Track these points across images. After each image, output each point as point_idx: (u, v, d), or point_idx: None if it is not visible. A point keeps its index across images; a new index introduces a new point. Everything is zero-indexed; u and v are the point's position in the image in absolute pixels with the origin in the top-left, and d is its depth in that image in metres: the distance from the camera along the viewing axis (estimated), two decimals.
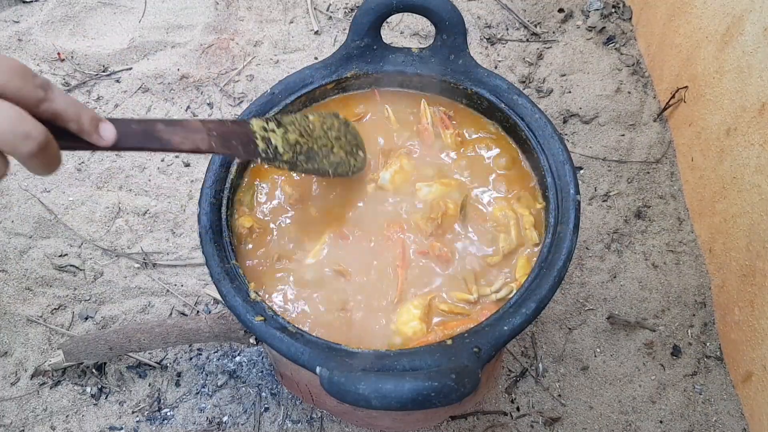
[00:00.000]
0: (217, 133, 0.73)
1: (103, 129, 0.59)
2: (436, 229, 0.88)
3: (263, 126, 0.80)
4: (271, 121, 0.81)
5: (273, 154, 0.80)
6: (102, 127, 0.59)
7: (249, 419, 1.18)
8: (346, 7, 1.76)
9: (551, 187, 0.87)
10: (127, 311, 1.30)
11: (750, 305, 1.14)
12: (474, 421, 1.17)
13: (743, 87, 1.19)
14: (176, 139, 0.68)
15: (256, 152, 0.78)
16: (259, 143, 0.78)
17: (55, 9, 1.72)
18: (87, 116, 0.57)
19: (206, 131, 0.71)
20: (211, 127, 0.73)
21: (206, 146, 0.71)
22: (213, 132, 0.72)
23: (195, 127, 0.70)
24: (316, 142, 0.86)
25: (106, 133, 0.59)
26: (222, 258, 0.82)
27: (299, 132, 0.84)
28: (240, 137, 0.76)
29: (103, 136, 0.59)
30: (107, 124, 0.60)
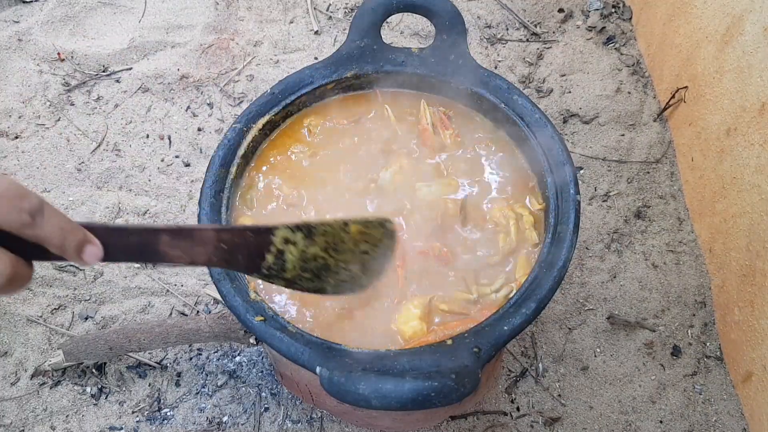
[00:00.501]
0: (227, 246, 0.65)
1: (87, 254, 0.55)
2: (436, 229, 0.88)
3: (286, 237, 0.69)
4: (299, 231, 0.70)
5: (276, 272, 0.70)
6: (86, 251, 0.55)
7: (249, 419, 1.18)
8: (346, 7, 1.76)
9: (551, 187, 0.87)
10: (127, 311, 1.30)
11: (750, 305, 1.14)
12: (474, 421, 1.17)
13: (743, 87, 1.19)
14: (175, 253, 0.61)
15: (259, 267, 0.69)
16: (268, 258, 0.69)
17: (55, 9, 1.72)
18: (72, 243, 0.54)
19: (214, 244, 0.63)
20: (225, 238, 0.64)
21: (203, 261, 0.64)
22: (222, 244, 0.64)
23: (203, 240, 0.63)
24: (337, 257, 0.74)
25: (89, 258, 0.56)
26: None
27: (325, 245, 0.73)
28: (251, 249, 0.67)
29: (86, 260, 0.56)
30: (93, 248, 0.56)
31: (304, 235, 0.70)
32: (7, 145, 1.51)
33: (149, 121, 1.56)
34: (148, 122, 1.56)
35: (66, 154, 1.51)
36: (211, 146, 1.51)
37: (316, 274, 0.73)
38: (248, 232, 0.67)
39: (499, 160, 0.96)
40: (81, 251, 0.55)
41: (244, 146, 0.92)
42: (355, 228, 0.75)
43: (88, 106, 1.59)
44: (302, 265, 0.71)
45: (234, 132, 0.92)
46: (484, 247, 0.88)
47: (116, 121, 1.56)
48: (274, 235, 0.68)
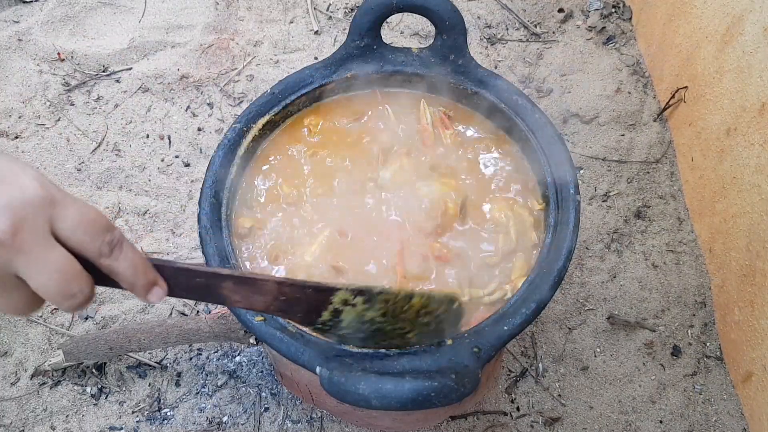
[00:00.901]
0: (286, 298, 0.64)
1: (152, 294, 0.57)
2: (436, 228, 0.88)
3: (346, 299, 0.68)
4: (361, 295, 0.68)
5: (329, 328, 0.70)
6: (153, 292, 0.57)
7: (249, 419, 1.18)
8: (346, 7, 1.76)
9: (551, 187, 0.87)
10: (127, 311, 1.30)
11: (750, 305, 1.14)
12: (474, 421, 1.17)
13: (743, 87, 1.19)
14: (235, 297, 0.61)
15: (313, 321, 0.69)
16: (325, 315, 0.68)
17: (55, 9, 1.72)
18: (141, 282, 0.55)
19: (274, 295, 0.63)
20: (285, 291, 0.64)
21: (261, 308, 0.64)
22: (282, 296, 0.64)
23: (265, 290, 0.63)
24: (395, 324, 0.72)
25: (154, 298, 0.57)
26: (222, 258, 0.82)
27: (384, 311, 0.71)
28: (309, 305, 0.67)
29: (150, 300, 0.57)
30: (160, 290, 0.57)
31: (364, 300, 0.69)
32: (7, 145, 1.51)
33: (149, 121, 1.56)
34: (148, 122, 1.56)
35: (66, 154, 1.51)
36: (211, 146, 1.51)
37: (370, 336, 0.72)
38: (309, 288, 0.66)
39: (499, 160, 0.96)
40: (148, 292, 0.56)
41: (244, 146, 0.92)
42: (418, 301, 0.72)
43: (88, 106, 1.59)
44: (358, 326, 0.71)
45: (234, 132, 0.92)
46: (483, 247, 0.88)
47: (116, 121, 1.56)
48: (334, 295, 0.67)
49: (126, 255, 0.53)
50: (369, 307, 0.69)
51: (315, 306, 0.67)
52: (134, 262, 0.54)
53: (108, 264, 0.53)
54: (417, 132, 0.98)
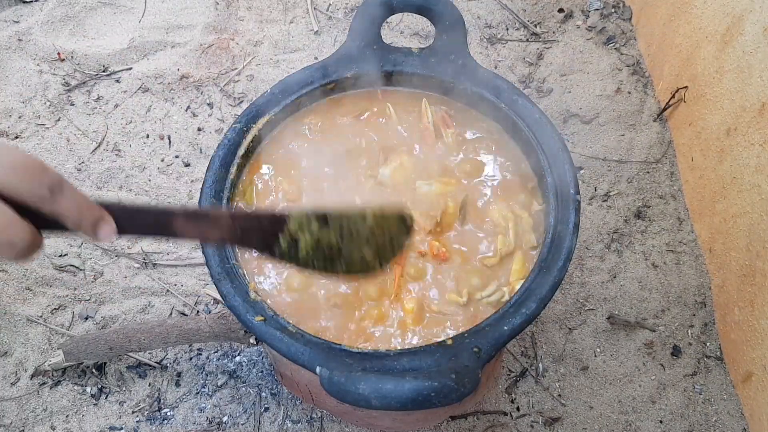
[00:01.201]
0: (241, 230, 0.66)
1: (101, 232, 0.57)
2: (435, 227, 0.88)
3: (301, 223, 0.69)
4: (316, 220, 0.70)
5: (287, 255, 0.71)
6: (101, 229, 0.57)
7: (249, 419, 1.18)
8: (346, 7, 1.76)
9: (551, 187, 0.87)
10: (127, 311, 1.30)
11: (750, 305, 1.14)
12: (474, 421, 1.17)
13: (743, 87, 1.19)
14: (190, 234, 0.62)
15: (272, 250, 0.70)
16: (282, 242, 0.69)
17: (55, 9, 1.72)
18: (88, 219, 0.56)
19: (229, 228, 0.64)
20: (240, 223, 0.66)
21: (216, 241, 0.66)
22: (238, 228, 0.65)
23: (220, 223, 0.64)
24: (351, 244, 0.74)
25: (103, 236, 0.57)
26: (222, 258, 0.82)
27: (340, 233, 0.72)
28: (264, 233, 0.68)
29: (100, 237, 0.57)
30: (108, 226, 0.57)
31: (319, 223, 0.70)
32: None
33: (149, 121, 1.56)
34: (148, 122, 1.56)
35: (66, 154, 1.51)
36: (211, 146, 1.51)
37: (328, 258, 0.73)
38: (264, 218, 0.68)
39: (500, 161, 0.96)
40: (96, 229, 0.57)
41: (244, 146, 0.92)
42: (372, 219, 0.74)
43: (88, 106, 1.59)
44: (315, 251, 0.71)
45: (234, 132, 0.92)
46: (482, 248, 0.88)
47: (116, 121, 1.56)
48: (288, 222, 0.69)
49: (68, 195, 0.53)
50: (324, 231, 0.70)
51: (271, 234, 0.68)
52: (78, 202, 0.54)
53: (50, 208, 0.52)
54: (418, 131, 0.98)
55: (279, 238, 0.69)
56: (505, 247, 0.87)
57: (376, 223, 0.74)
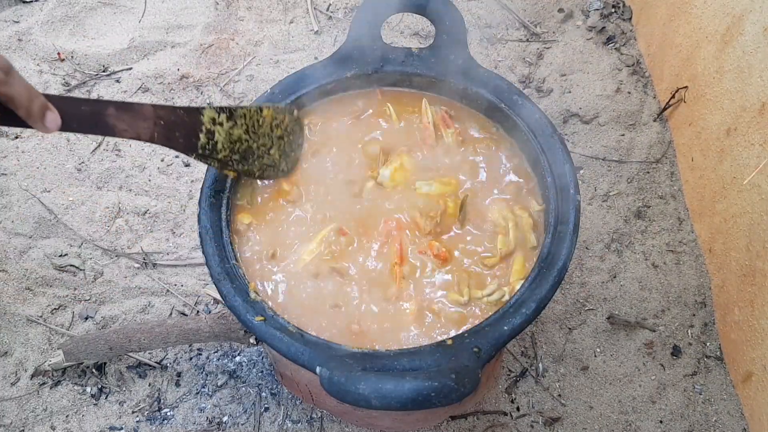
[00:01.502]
0: (164, 122, 0.75)
1: (48, 118, 0.62)
2: (435, 227, 0.88)
3: (213, 117, 0.81)
4: (223, 112, 0.82)
5: (210, 151, 0.82)
6: (48, 116, 0.62)
7: (249, 419, 1.18)
8: (346, 7, 1.76)
9: (551, 187, 0.87)
10: (127, 311, 1.30)
11: (750, 305, 1.14)
12: (474, 421, 1.17)
13: (743, 87, 1.19)
14: (121, 126, 0.70)
15: (195, 146, 0.80)
16: (201, 138, 0.80)
17: (55, 9, 1.72)
18: (37, 104, 0.60)
19: (154, 120, 0.73)
20: (162, 114, 0.75)
21: (147, 137, 0.73)
22: (161, 120, 0.74)
23: (144, 115, 0.73)
24: (257, 140, 0.87)
25: (50, 123, 0.63)
26: (222, 258, 0.83)
27: (246, 128, 0.85)
28: (186, 129, 0.78)
29: (47, 125, 0.62)
30: (53, 114, 0.63)
31: (227, 116, 0.82)
32: (8, 145, 1.51)
33: None
34: None
35: (66, 154, 1.51)
36: None
37: (243, 156, 0.86)
38: (180, 110, 0.77)
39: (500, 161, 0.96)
40: (44, 116, 0.62)
41: None
42: (267, 112, 0.88)
43: None
44: (230, 146, 0.84)
45: None
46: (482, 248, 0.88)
47: None
48: (202, 114, 0.80)
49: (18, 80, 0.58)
50: (233, 125, 0.83)
51: (192, 129, 0.78)
52: (27, 86, 0.59)
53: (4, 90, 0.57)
54: (418, 131, 0.98)
55: (199, 134, 0.79)
56: (505, 246, 0.87)
57: (271, 117, 0.88)
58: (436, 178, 0.93)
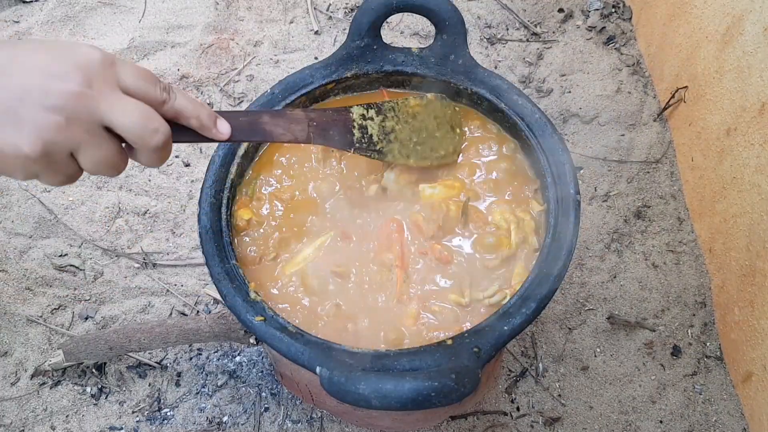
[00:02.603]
0: (317, 123, 0.77)
1: (220, 125, 0.65)
2: (437, 230, 0.88)
3: (362, 114, 0.84)
4: (371, 108, 0.85)
5: (367, 144, 0.84)
6: (219, 123, 0.65)
7: (249, 419, 1.18)
8: (346, 7, 1.76)
9: (551, 187, 0.87)
10: (127, 311, 1.30)
11: (750, 305, 1.14)
12: (474, 421, 1.17)
13: (743, 87, 1.19)
14: (278, 131, 0.73)
15: (352, 142, 0.82)
16: (356, 133, 0.82)
17: (55, 9, 1.72)
18: (205, 113, 0.63)
19: (307, 122, 0.75)
20: (313, 117, 0.77)
21: (304, 138, 0.75)
22: (313, 122, 0.76)
23: (297, 118, 0.75)
24: (411, 128, 0.88)
25: (223, 128, 0.66)
26: (222, 258, 0.82)
27: (397, 118, 0.87)
28: (339, 127, 0.80)
29: (221, 131, 0.65)
30: (222, 121, 0.66)
31: (376, 111, 0.85)
32: None
33: None
34: None
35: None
36: (211, 146, 1.51)
37: (400, 143, 0.87)
38: (330, 110, 0.81)
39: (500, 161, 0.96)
40: (215, 122, 0.65)
41: (245, 146, 0.92)
42: (414, 101, 0.90)
43: None
44: (386, 137, 0.86)
45: None
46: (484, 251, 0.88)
47: None
48: (351, 113, 0.83)
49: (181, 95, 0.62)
50: (383, 117, 0.86)
51: (343, 127, 0.81)
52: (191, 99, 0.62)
53: (171, 106, 0.61)
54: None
55: (352, 129, 0.82)
56: (506, 249, 0.87)
57: (417, 104, 0.89)
58: (439, 180, 0.93)
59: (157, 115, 0.59)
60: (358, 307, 0.85)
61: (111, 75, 0.56)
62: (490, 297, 0.84)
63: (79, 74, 0.54)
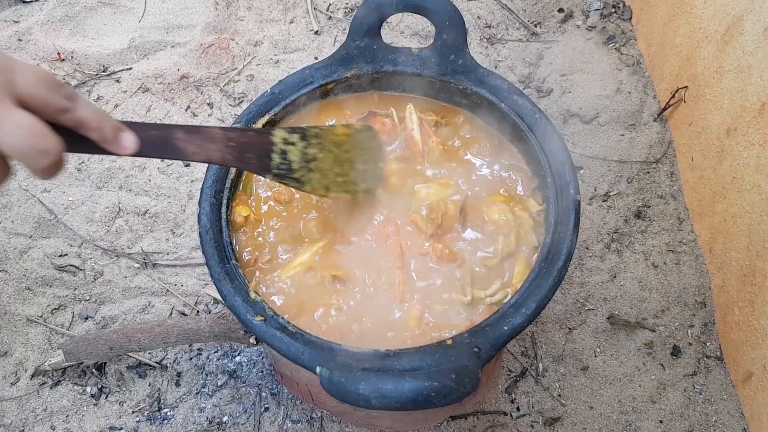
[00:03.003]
0: (235, 144, 0.72)
1: (123, 138, 0.59)
2: (437, 229, 0.88)
3: (285, 138, 0.78)
4: (295, 133, 0.79)
5: (285, 171, 0.78)
6: (123, 136, 0.59)
7: (249, 419, 1.18)
8: (346, 7, 1.76)
9: (551, 187, 0.87)
10: (127, 311, 1.30)
11: (750, 305, 1.14)
12: (474, 421, 1.17)
13: (743, 87, 1.19)
14: (191, 149, 0.68)
15: (269, 167, 0.77)
16: (275, 158, 0.77)
17: (55, 9, 1.72)
18: (109, 126, 0.57)
19: (224, 142, 0.71)
20: (232, 137, 0.72)
21: (219, 159, 0.71)
22: (231, 142, 0.71)
23: (213, 137, 0.70)
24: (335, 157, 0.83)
25: (126, 143, 0.60)
26: (222, 258, 0.82)
27: (320, 145, 0.81)
28: (257, 149, 0.75)
29: (124, 146, 0.59)
30: (128, 134, 0.60)
31: (300, 136, 0.79)
32: None
33: (149, 121, 1.56)
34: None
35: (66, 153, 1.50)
36: None
37: (321, 173, 0.81)
38: (250, 131, 0.76)
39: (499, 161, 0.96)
40: (118, 136, 0.59)
41: None
42: (341, 130, 0.84)
43: None
44: (306, 165, 0.80)
45: None
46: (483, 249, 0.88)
47: None
48: (273, 135, 0.77)
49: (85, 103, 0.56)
50: (307, 144, 0.80)
51: (263, 149, 0.76)
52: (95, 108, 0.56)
53: (72, 117, 0.55)
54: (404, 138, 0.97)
55: (271, 153, 0.76)
56: (506, 247, 0.87)
57: (345, 134, 0.83)
58: (434, 180, 0.93)
59: (49, 133, 0.52)
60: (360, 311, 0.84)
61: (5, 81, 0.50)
62: (492, 296, 0.84)
63: None
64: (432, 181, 0.93)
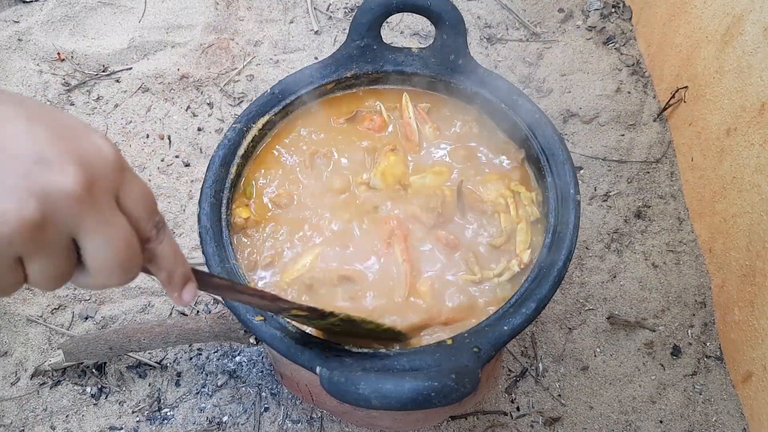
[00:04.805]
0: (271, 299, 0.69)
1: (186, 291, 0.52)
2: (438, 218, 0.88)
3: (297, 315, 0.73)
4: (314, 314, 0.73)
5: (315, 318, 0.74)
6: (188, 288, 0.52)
7: (249, 419, 1.18)
8: (346, 7, 1.76)
9: (551, 187, 0.87)
10: (127, 311, 1.30)
11: (750, 305, 1.14)
12: (474, 421, 1.17)
13: (743, 87, 1.19)
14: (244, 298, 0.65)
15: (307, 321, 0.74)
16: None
17: (55, 9, 1.72)
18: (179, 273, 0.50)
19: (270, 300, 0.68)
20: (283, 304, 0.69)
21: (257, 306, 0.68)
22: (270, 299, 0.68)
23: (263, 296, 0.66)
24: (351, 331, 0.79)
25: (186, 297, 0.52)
26: (222, 258, 0.82)
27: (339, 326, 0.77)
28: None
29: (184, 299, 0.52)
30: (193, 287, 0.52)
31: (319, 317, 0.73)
32: None
33: (149, 121, 1.56)
34: (148, 122, 1.56)
35: None
36: (211, 146, 1.51)
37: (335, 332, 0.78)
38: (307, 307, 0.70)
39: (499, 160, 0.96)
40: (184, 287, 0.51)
41: (244, 146, 0.92)
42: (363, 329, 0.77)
43: (88, 106, 1.59)
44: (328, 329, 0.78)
45: (234, 132, 0.92)
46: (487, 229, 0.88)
47: (116, 121, 1.56)
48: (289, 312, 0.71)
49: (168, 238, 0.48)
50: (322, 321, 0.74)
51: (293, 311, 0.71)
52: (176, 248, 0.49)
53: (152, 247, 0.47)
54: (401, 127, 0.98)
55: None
56: (508, 224, 0.87)
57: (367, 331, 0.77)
58: (428, 169, 0.93)
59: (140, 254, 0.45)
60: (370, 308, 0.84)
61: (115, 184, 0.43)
62: (500, 275, 0.84)
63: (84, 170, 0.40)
64: (426, 171, 0.93)
